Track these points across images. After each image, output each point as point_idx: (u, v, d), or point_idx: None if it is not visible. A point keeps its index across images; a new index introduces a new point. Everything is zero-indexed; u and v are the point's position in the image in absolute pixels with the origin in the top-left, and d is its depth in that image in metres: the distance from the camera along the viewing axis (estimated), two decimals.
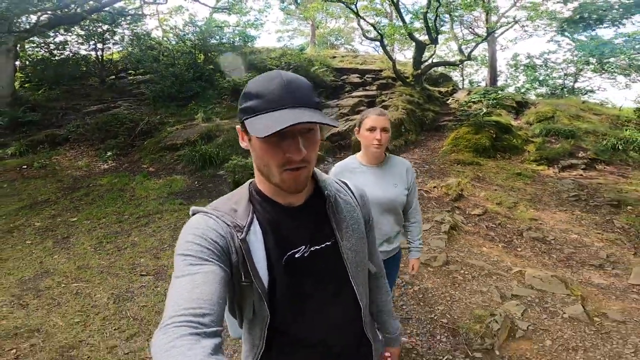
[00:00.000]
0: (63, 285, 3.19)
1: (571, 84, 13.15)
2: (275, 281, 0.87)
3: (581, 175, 6.70)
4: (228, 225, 0.84)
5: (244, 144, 0.88)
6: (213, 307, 0.69)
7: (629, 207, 5.17)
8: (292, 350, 0.94)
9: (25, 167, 6.90)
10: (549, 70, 13.58)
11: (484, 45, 13.70)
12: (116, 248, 3.84)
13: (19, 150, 7.67)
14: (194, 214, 0.89)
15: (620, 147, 7.94)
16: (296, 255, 0.89)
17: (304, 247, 0.90)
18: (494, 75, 13.82)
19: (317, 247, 0.92)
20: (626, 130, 8.78)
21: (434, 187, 5.56)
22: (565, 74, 13.28)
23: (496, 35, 13.07)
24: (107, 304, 2.93)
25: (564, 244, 4.14)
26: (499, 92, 9.28)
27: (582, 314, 2.93)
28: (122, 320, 2.78)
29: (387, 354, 1.21)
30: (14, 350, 2.49)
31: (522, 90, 14.64)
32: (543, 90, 14.43)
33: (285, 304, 0.89)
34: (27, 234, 4.23)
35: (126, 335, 2.65)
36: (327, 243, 0.93)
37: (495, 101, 8.31)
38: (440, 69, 12.38)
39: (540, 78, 14.35)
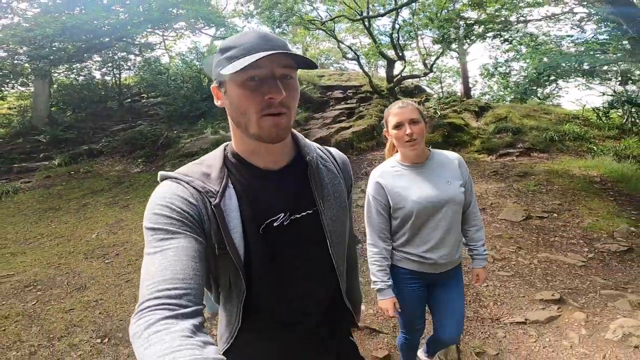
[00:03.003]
0: (135, 223, 5.36)
1: (534, 88, 15.22)
2: (251, 251, 0.86)
3: (513, 160, 8.70)
4: (199, 191, 0.83)
5: (219, 102, 0.90)
6: (189, 284, 0.69)
7: (532, 177, 7.17)
8: (269, 326, 0.95)
9: (73, 172, 9.08)
10: (515, 77, 15.70)
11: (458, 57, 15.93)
12: None
13: (64, 161, 9.86)
14: (162, 180, 0.88)
15: (556, 138, 9.93)
16: (275, 224, 0.88)
17: (282, 215, 0.89)
18: (466, 85, 15.91)
19: (297, 215, 0.91)
20: (566, 124, 10.81)
21: None
22: (529, 80, 15.38)
23: (465, 47, 15.27)
24: None
25: None
26: (451, 98, 11.38)
27: None
28: None
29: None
30: (115, 252, 4.58)
31: (496, 98, 16.73)
32: (514, 96, 16.47)
33: (262, 276, 0.89)
34: (97, 206, 6.41)
35: None
36: (308, 211, 0.93)
37: (444, 106, 10.39)
38: (415, 82, 14.51)
39: (511, 84, 16.46)
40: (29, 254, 4.67)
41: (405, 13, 12.00)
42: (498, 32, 9.45)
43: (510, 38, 9.68)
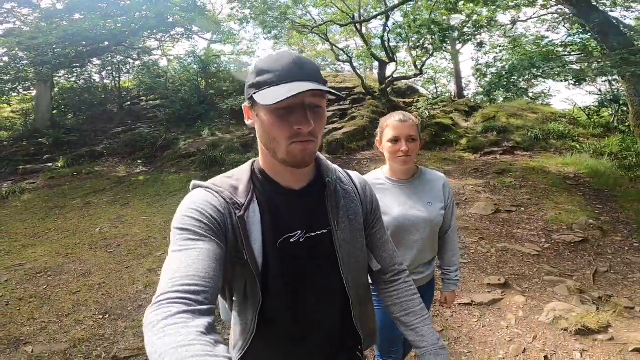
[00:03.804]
0: (135, 219, 5.94)
1: (526, 87, 15.70)
2: (269, 263, 0.92)
3: (495, 158, 9.19)
4: (227, 201, 0.90)
5: (249, 121, 0.95)
6: (208, 283, 0.74)
7: (509, 174, 7.67)
8: (281, 338, 1.01)
9: (75, 173, 9.65)
10: (505, 76, 16.18)
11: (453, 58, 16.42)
12: (160, 205, 6.59)
13: (67, 162, 10.42)
14: (194, 188, 0.96)
15: (540, 137, 10.41)
16: (291, 240, 0.95)
17: (299, 232, 0.96)
18: (459, 85, 16.41)
19: (312, 233, 0.98)
20: (551, 123, 11.28)
21: (374, 168, 8.14)
22: (521, 80, 15.86)
23: (457, 48, 15.77)
24: (160, 223, 5.65)
25: None
26: (439, 98, 11.90)
27: None
28: (169, 230, 5.42)
29: None
30: (116, 243, 5.13)
31: (488, 97, 17.15)
32: (509, 95, 16.92)
33: (277, 287, 0.95)
34: (100, 204, 6.99)
35: None
36: (323, 231, 0.99)
37: (431, 106, 10.91)
38: (409, 82, 14.99)
39: (504, 84, 16.92)
40: (39, 246, 5.25)
41: (397, 15, 12.49)
42: (469, 37, 9.96)
43: (482, 41, 10.20)
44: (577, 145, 9.84)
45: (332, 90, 0.87)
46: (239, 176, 0.98)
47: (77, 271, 4.44)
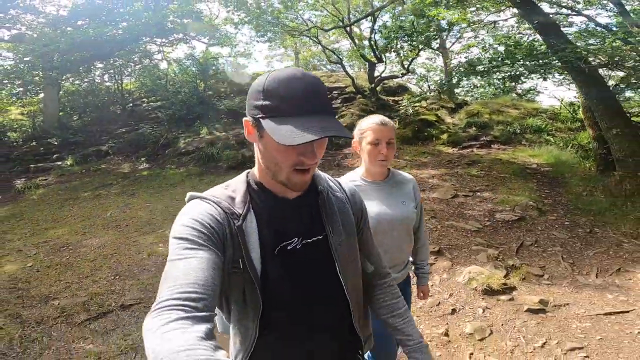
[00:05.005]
0: (140, 205, 7.06)
1: (513, 84, 16.62)
2: (267, 270, 0.97)
3: (472, 151, 10.16)
4: (225, 211, 0.95)
5: (251, 137, 0.98)
6: (207, 291, 0.77)
7: (478, 164, 8.65)
8: (282, 343, 1.04)
9: (84, 171, 10.78)
10: (495, 74, 17.09)
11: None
12: (161, 195, 7.72)
13: (75, 161, 11.52)
14: (190, 199, 1.01)
15: (518, 131, 11.35)
16: (288, 247, 1.01)
17: (296, 239, 1.02)
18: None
19: (308, 240, 1.04)
20: (530, 118, 12.22)
21: (358, 160, 9.15)
22: (509, 76, 16.75)
23: (447, 46, 16.73)
24: (161, 209, 6.77)
25: None
26: (422, 96, 12.87)
27: None
28: (169, 213, 6.52)
29: None
30: (125, 224, 6.25)
31: (476, 95, 18.08)
32: (497, 92, 17.82)
33: (276, 294, 0.99)
34: (109, 195, 8.13)
35: (171, 218, 6.42)
36: (319, 237, 1.06)
37: (414, 104, 11.90)
38: (402, 81, 15.98)
39: (493, 81, 17.83)
40: (59, 228, 6.39)
41: (386, 17, 13.51)
42: (428, 42, 10.96)
43: (444, 44, 11.19)
44: (551, 139, 10.78)
45: (347, 135, 0.93)
46: (235, 187, 1.04)
47: (93, 245, 5.55)
